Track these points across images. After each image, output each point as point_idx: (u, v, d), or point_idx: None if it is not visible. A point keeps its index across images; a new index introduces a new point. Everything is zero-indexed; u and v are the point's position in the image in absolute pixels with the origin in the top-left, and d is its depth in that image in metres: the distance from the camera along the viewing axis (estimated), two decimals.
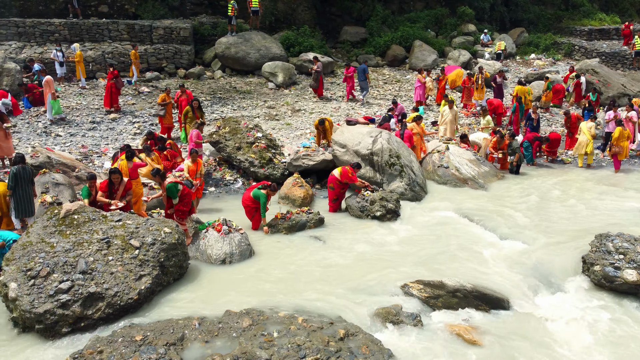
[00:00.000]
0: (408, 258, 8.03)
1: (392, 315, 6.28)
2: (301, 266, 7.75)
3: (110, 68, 16.06)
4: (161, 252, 6.83)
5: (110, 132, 14.58)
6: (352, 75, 18.35)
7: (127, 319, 6.23)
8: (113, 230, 6.98)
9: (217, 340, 5.66)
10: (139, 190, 9.21)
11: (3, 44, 18.87)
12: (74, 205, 7.24)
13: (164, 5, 23.32)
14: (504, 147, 12.87)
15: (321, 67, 18.41)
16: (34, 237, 6.81)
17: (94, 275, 6.30)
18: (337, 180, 9.97)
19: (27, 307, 5.91)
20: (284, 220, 9.04)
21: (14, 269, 6.32)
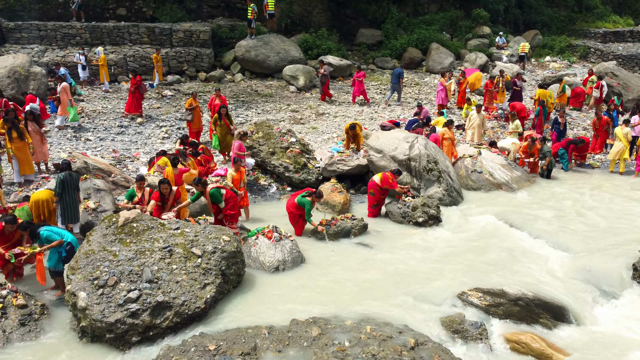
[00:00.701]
0: (457, 265, 8.07)
1: (457, 324, 6.32)
2: (353, 273, 7.78)
3: (133, 74, 15.89)
4: (222, 260, 6.87)
5: (139, 137, 14.62)
6: (361, 80, 18.26)
7: (194, 327, 6.26)
8: (173, 238, 7.02)
9: (290, 350, 5.70)
10: (184, 195, 9.24)
11: (26, 47, 18.92)
12: (132, 214, 7.27)
13: (181, 7, 23.35)
14: (534, 152, 12.90)
15: (327, 71, 18.43)
16: (95, 245, 6.84)
17: (160, 284, 6.34)
18: (377, 186, 10.01)
19: (99, 317, 5.95)
20: (329, 227, 9.08)
21: (80, 277, 6.36)
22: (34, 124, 11.42)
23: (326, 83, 18.42)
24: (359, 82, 18.29)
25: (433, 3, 28.25)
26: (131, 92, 15.61)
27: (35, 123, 11.46)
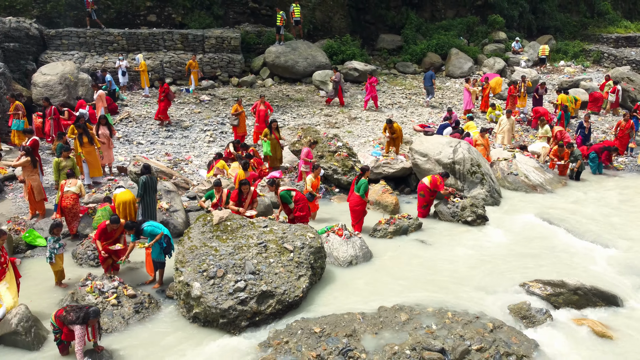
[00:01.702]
0: (511, 259, 8.87)
1: (524, 311, 7.11)
2: (419, 266, 8.59)
3: (161, 82, 16.33)
4: (310, 254, 7.67)
5: (186, 140, 15.40)
6: (373, 85, 18.98)
7: (292, 314, 7.05)
8: (265, 235, 7.82)
9: (385, 332, 6.49)
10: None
11: (66, 54, 19.66)
12: (224, 213, 8.07)
13: (209, 14, 24.12)
14: (564, 156, 13.69)
15: (339, 78, 19.18)
16: (196, 241, 7.64)
17: (261, 275, 7.13)
18: (427, 188, 10.80)
19: (213, 304, 6.74)
20: (389, 225, 9.88)
21: (190, 270, 7.15)
22: (105, 128, 12.21)
23: (339, 89, 19.14)
24: (372, 87, 18.97)
25: (450, 9, 29.07)
26: (160, 101, 16.11)
27: (107, 128, 12.25)
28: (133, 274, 8.47)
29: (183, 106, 17.94)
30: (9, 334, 6.44)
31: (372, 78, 19.22)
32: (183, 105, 18.01)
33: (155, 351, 6.45)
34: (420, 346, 6.09)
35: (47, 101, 13.66)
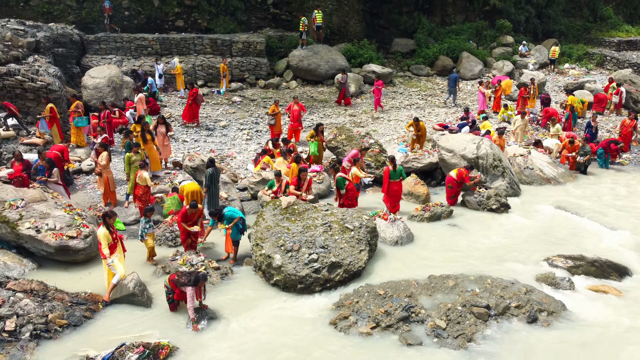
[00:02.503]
0: (534, 239, 10.23)
1: (550, 279, 8.46)
2: (455, 245, 9.94)
3: (190, 86, 17.52)
4: (367, 233, 9.02)
5: (225, 138, 16.73)
6: (379, 88, 20.27)
7: (356, 282, 8.39)
8: (327, 217, 9.16)
9: (437, 294, 7.83)
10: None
11: (105, 58, 20.98)
12: (291, 199, 9.42)
13: (233, 19, 25.49)
14: (575, 149, 15.04)
15: (345, 79, 20.52)
16: (270, 222, 8.99)
17: (330, 249, 8.47)
18: (454, 180, 12.14)
19: (292, 272, 8.08)
20: (424, 212, 11.23)
21: (269, 245, 8.50)
22: (162, 127, 13.54)
23: (342, 90, 20.46)
24: (378, 90, 20.23)
25: (459, 14, 30.43)
26: (188, 103, 17.36)
27: (165, 127, 13.58)
28: (208, 253, 9.78)
29: (218, 107, 19.27)
30: (127, 296, 7.77)
31: (378, 81, 20.55)
32: (218, 106, 19.35)
33: (247, 308, 7.78)
34: (469, 303, 7.43)
35: (103, 105, 14.95)
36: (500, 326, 7.16)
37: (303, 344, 6.90)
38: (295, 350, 6.78)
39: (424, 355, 6.60)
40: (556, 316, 7.44)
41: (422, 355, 6.62)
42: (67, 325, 7.17)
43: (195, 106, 17.34)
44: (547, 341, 6.93)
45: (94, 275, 8.89)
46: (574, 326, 7.31)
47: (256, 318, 7.57)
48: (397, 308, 7.39)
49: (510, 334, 7.03)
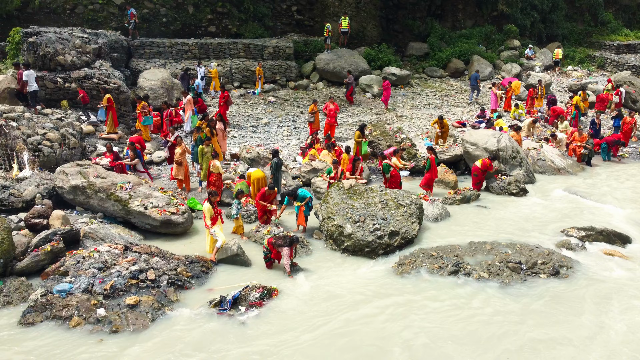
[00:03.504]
0: (551, 216, 12.21)
1: (567, 245, 10.45)
2: (486, 221, 11.91)
3: (222, 89, 19.22)
4: (417, 209, 11.00)
5: (267, 134, 18.68)
6: (388, 88, 22.20)
7: (411, 247, 10.35)
8: (382, 196, 11.14)
9: (478, 255, 9.81)
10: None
11: (150, 61, 22.91)
12: (351, 182, 11.41)
13: (261, 25, 27.48)
14: (583, 140, 17.04)
15: (352, 80, 22.50)
16: (337, 200, 10.97)
17: (389, 221, 10.45)
18: (479, 169, 14.11)
19: (361, 238, 10.06)
20: (456, 195, 13.21)
21: (339, 217, 10.48)
22: (221, 123, 15.49)
23: (350, 90, 22.41)
24: (387, 89, 22.17)
25: (469, 19, 32.44)
26: (220, 105, 19.21)
27: (222, 123, 15.54)
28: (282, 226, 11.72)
29: (256, 106, 21.24)
30: (231, 256, 9.73)
31: (385, 82, 22.49)
32: (256, 106, 21.31)
33: (326, 268, 9.75)
34: (505, 261, 9.42)
35: (166, 104, 16.89)
36: (530, 277, 9.13)
37: (373, 288, 8.86)
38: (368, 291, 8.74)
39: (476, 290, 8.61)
40: (574, 271, 9.42)
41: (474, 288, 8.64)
42: (191, 277, 9.13)
43: (226, 108, 19.23)
44: (567, 289, 8.91)
45: (193, 244, 10.84)
46: (587, 279, 9.28)
47: (334, 271, 9.54)
48: (448, 264, 9.37)
49: (538, 283, 9.01)
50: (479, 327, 7.70)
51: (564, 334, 7.53)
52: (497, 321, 7.87)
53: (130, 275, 8.67)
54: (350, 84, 22.51)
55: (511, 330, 7.62)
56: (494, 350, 7.17)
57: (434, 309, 8.27)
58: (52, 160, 13.40)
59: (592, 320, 7.91)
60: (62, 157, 13.65)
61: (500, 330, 7.61)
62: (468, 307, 8.34)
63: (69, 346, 7.26)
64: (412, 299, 8.52)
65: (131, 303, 8.05)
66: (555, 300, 8.48)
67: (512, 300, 8.48)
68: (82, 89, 16.26)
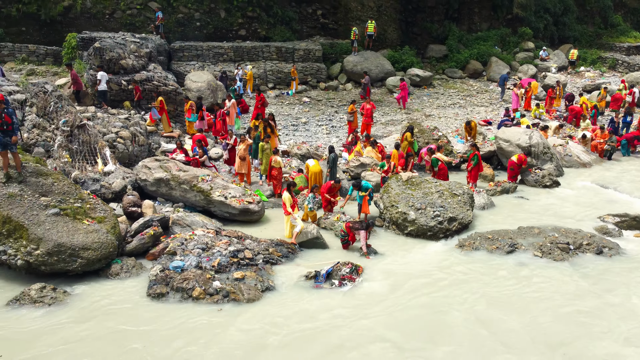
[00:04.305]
0: (585, 205, 13.50)
1: (605, 230, 11.73)
2: (527, 209, 13.21)
3: (258, 91, 20.44)
4: (469, 198, 12.27)
5: (307, 132, 19.94)
6: (405, 88, 23.49)
7: (466, 232, 11.63)
8: (437, 187, 12.42)
9: (528, 238, 11.09)
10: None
11: (188, 64, 24.14)
12: (408, 174, 12.67)
13: (288, 28, 28.72)
14: (605, 137, 18.33)
15: (368, 80, 23.78)
16: (397, 190, 12.25)
17: (447, 208, 11.73)
18: (515, 164, 15.39)
19: (424, 223, 11.34)
20: (497, 187, 14.50)
21: (402, 205, 11.75)
22: (273, 122, 16.75)
23: (367, 89, 23.70)
24: (404, 89, 23.42)
25: (484, 22, 33.73)
26: (257, 107, 20.42)
27: (274, 123, 16.80)
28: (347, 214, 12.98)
29: (293, 106, 22.50)
30: (311, 239, 10.99)
31: (403, 83, 23.74)
32: (292, 106, 22.57)
33: (396, 249, 11.02)
34: (554, 242, 10.70)
35: (218, 105, 18.15)
36: (578, 256, 10.41)
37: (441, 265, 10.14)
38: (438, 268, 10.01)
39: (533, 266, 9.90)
40: (615, 252, 10.70)
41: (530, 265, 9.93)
42: (281, 256, 10.40)
43: (263, 109, 20.39)
44: (611, 265, 10.19)
45: (268, 230, 12.10)
46: (627, 258, 10.56)
47: (404, 252, 10.83)
48: (504, 245, 10.65)
49: (585, 260, 10.29)
50: (535, 297, 8.93)
51: (612, 302, 8.80)
52: (550, 292, 9.09)
53: (231, 254, 9.93)
54: (367, 84, 23.78)
55: (563, 301, 8.82)
56: (544, 317, 8.30)
57: (496, 282, 9.52)
58: (125, 156, 14.63)
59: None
60: (134, 153, 14.89)
61: (554, 302, 8.79)
62: (526, 281, 9.60)
63: (194, 312, 8.50)
64: (477, 274, 9.77)
65: (238, 277, 9.31)
66: (603, 274, 9.76)
67: (565, 275, 9.75)
68: (138, 87, 17.54)
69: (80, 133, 13.48)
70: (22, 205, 9.56)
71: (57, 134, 12.99)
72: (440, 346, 7.56)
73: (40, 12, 24.67)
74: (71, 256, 9.18)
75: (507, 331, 7.92)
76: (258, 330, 8.02)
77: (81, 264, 9.26)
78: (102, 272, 9.64)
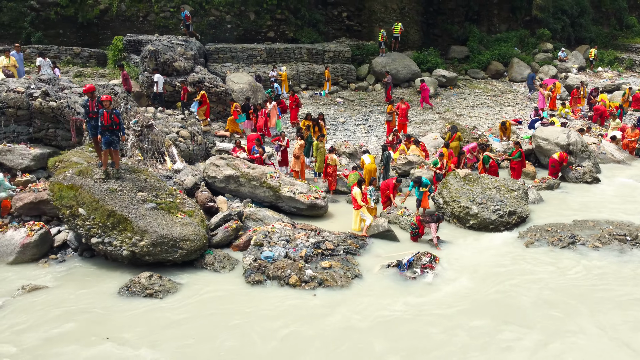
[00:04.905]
0: (627, 199, 14.24)
1: None
2: (575, 204, 13.94)
3: (292, 92, 21.18)
4: (524, 193, 13.00)
5: (346, 132, 20.64)
6: (426, 89, 24.22)
7: (524, 225, 12.34)
8: (494, 183, 13.14)
9: (585, 230, 11.82)
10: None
11: (224, 65, 24.81)
12: (465, 171, 13.39)
13: (315, 30, 29.42)
14: (635, 135, 19.10)
15: (390, 80, 24.52)
16: (457, 186, 12.97)
17: (505, 202, 12.45)
18: (556, 161, 16.13)
19: (486, 217, 12.07)
20: (542, 183, 15.24)
21: (464, 200, 12.48)
22: (322, 122, 17.46)
23: (389, 88, 24.39)
24: (424, 90, 24.13)
25: (503, 23, 34.48)
26: (292, 108, 21.14)
27: (323, 123, 17.51)
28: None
29: (328, 107, 23.19)
30: (382, 232, 11.70)
31: (423, 84, 24.46)
32: (327, 106, 23.27)
33: (461, 241, 11.74)
34: (611, 233, 11.43)
35: (260, 105, 18.84)
36: (635, 246, 11.15)
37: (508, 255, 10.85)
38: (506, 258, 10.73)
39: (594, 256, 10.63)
40: None
41: (592, 255, 10.66)
42: (358, 247, 11.11)
43: (297, 110, 21.06)
44: None
45: (334, 224, 12.80)
46: None
47: (470, 243, 11.55)
48: (565, 236, 11.38)
49: None
50: (596, 286, 9.62)
51: None
52: (610, 281, 9.79)
53: (314, 245, 10.64)
54: (389, 83, 24.51)
55: (621, 289, 9.51)
56: (605, 304, 8.99)
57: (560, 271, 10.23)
58: (187, 155, 15.31)
59: None
60: (194, 152, 15.59)
61: (616, 292, 9.46)
62: (587, 270, 10.31)
63: (290, 297, 9.20)
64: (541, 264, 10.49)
65: (326, 266, 10.02)
66: None
67: (625, 263, 10.48)
68: (185, 87, 18.25)
69: (148, 132, 14.16)
70: (123, 200, 10.26)
71: (129, 133, 13.66)
72: (523, 328, 8.23)
73: (77, 15, 25.30)
74: (173, 247, 9.88)
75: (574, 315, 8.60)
76: (350, 313, 8.72)
77: (181, 254, 9.96)
78: (197, 263, 10.34)
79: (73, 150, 12.82)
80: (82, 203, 10.06)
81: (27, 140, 13.59)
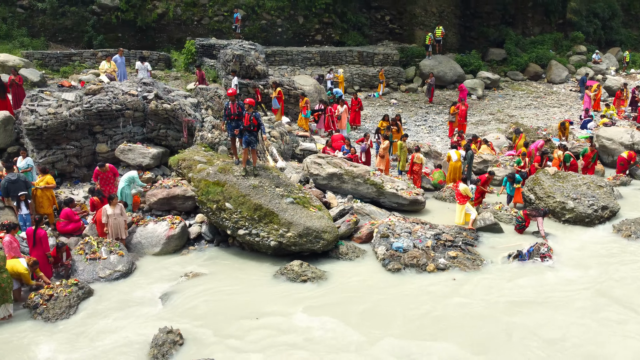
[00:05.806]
0: None
1: None
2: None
3: (355, 95, 22.09)
4: (611, 189, 13.92)
5: (409, 132, 21.50)
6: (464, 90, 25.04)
7: (615, 219, 13.24)
8: (583, 179, 14.06)
9: None
10: None
11: (280, 68, 25.72)
12: (554, 169, 14.30)
13: (360, 33, 30.36)
14: None
15: (433, 81, 25.46)
16: (548, 183, 13.88)
17: (597, 198, 13.35)
18: (625, 160, 17.04)
19: (582, 211, 12.98)
20: (616, 180, 16.17)
21: (558, 195, 13.38)
22: (400, 124, 18.37)
23: (431, 90, 25.28)
24: (462, 91, 25.06)
25: (537, 26, 35.43)
26: (353, 110, 21.99)
27: (400, 123, 18.42)
28: None
29: (384, 108, 24.10)
30: (489, 225, 12.59)
31: (461, 85, 25.39)
32: (382, 107, 24.18)
33: (561, 233, 12.65)
34: None
35: (325, 103, 19.76)
36: None
37: (610, 245, 11.77)
38: (610, 247, 11.64)
39: None
40: None
41: None
42: (473, 239, 12.01)
43: (359, 112, 21.89)
44: None
45: (435, 218, 13.69)
46: None
47: (570, 235, 12.48)
48: None
49: None
50: None
51: None
52: None
53: (435, 237, 11.55)
54: (432, 84, 25.44)
55: None
56: None
57: None
58: (279, 153, 16.19)
59: None
60: (284, 151, 16.46)
61: None
62: None
63: (431, 282, 10.11)
64: None
65: (453, 255, 10.93)
66: None
67: None
68: (259, 90, 19.14)
69: None
70: (266, 195, 11.15)
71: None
72: None
73: (137, 19, 26.17)
74: (316, 238, 10.77)
75: None
76: (487, 294, 9.65)
77: (322, 245, 10.85)
78: (332, 253, 11.24)
79: (190, 150, 13.69)
80: (229, 198, 10.95)
81: (141, 140, 14.46)
